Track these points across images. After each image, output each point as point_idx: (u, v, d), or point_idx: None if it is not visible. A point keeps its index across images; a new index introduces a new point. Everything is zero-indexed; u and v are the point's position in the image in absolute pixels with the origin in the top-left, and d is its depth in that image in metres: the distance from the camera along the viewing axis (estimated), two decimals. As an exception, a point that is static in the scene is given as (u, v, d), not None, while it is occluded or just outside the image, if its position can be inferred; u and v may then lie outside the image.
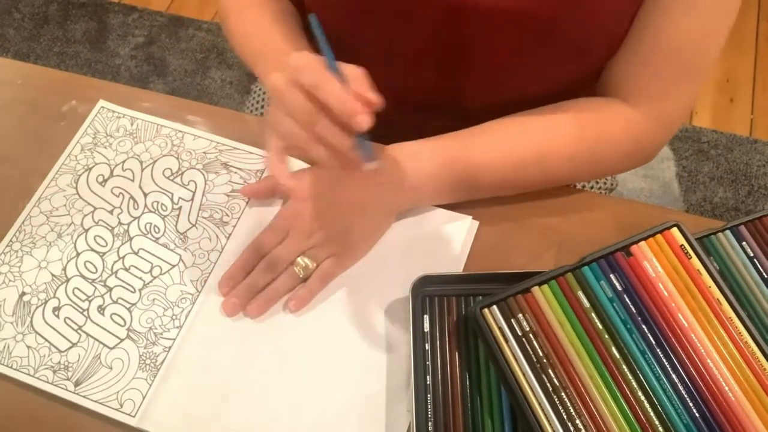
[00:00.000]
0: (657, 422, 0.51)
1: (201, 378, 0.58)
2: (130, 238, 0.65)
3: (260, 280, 0.62)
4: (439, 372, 0.56)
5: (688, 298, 0.56)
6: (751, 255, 0.60)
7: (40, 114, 0.64)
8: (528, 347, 0.54)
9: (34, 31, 1.84)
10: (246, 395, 0.58)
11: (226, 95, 1.72)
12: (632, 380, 0.53)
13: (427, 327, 0.58)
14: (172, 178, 0.68)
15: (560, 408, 0.52)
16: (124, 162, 0.69)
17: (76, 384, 0.58)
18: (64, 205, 0.67)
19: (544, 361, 0.53)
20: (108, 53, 1.81)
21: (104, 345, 0.60)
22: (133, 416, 0.56)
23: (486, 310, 0.55)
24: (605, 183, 0.91)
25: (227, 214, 0.65)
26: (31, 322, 0.61)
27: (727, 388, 0.53)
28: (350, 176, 0.62)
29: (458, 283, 0.60)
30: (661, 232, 0.58)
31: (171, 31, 1.85)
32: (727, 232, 0.61)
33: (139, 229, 0.65)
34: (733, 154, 1.61)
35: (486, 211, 0.65)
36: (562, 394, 0.52)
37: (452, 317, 0.59)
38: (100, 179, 0.68)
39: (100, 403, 0.57)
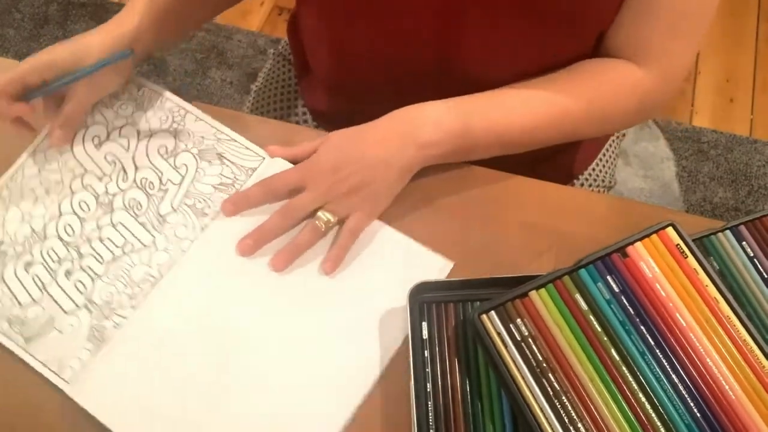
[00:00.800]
0: (658, 423, 0.51)
1: (145, 362, 0.58)
2: (112, 210, 0.65)
3: (276, 226, 0.63)
4: (439, 379, 0.56)
5: (685, 298, 0.55)
6: (751, 255, 0.60)
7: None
8: (527, 352, 0.54)
9: (34, 31, 1.84)
10: (200, 395, 0.57)
11: (226, 95, 1.72)
12: (632, 382, 0.53)
13: (425, 334, 0.58)
14: (165, 157, 0.67)
15: (561, 412, 0.51)
16: (122, 128, 0.68)
17: (27, 341, 0.59)
18: (57, 162, 0.67)
19: (544, 365, 0.53)
20: (108, 54, 1.81)
21: (61, 308, 0.61)
22: (68, 383, 0.57)
23: (484, 316, 0.55)
24: (603, 181, 0.91)
25: (209, 206, 0.65)
26: (2, 272, 0.62)
27: (727, 387, 0.53)
28: (369, 132, 0.64)
29: (456, 289, 0.60)
30: (656, 232, 0.58)
31: (170, 31, 1.84)
32: (727, 232, 0.61)
33: (123, 204, 0.65)
34: (733, 154, 1.61)
35: (483, 211, 0.65)
36: (563, 398, 0.52)
37: (451, 323, 0.58)
38: (96, 141, 0.68)
39: (42, 364, 0.58)
